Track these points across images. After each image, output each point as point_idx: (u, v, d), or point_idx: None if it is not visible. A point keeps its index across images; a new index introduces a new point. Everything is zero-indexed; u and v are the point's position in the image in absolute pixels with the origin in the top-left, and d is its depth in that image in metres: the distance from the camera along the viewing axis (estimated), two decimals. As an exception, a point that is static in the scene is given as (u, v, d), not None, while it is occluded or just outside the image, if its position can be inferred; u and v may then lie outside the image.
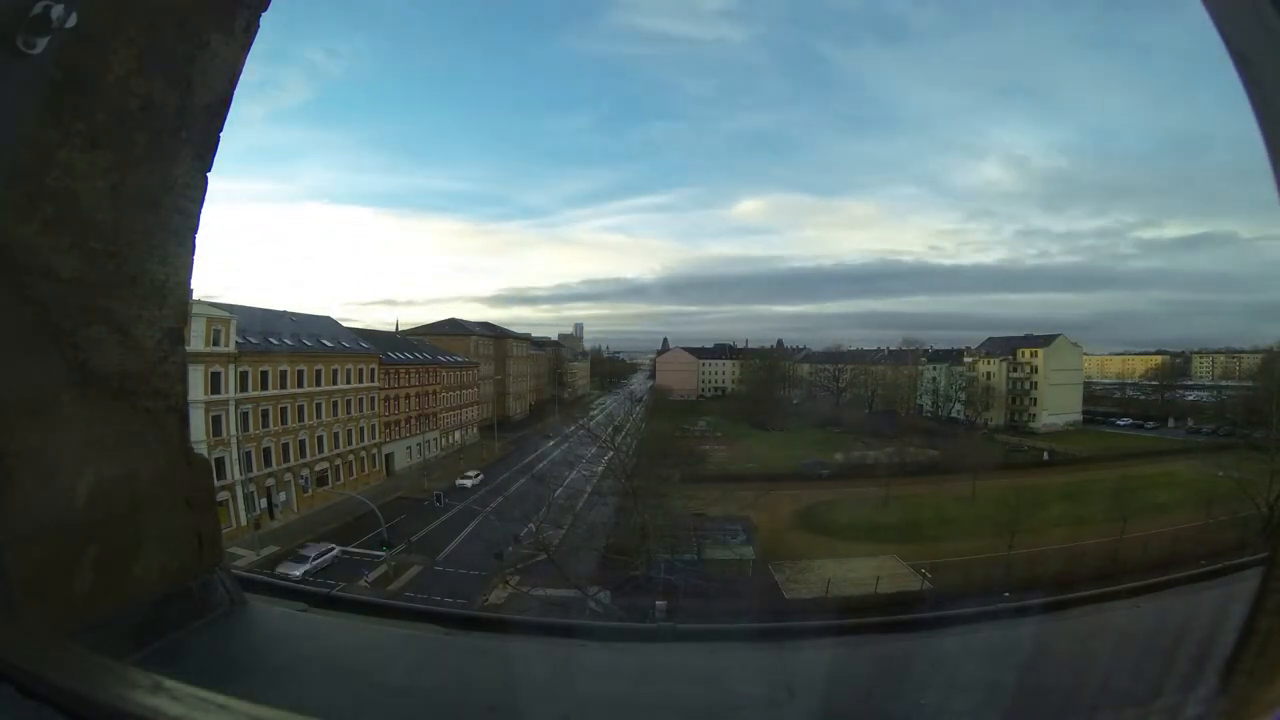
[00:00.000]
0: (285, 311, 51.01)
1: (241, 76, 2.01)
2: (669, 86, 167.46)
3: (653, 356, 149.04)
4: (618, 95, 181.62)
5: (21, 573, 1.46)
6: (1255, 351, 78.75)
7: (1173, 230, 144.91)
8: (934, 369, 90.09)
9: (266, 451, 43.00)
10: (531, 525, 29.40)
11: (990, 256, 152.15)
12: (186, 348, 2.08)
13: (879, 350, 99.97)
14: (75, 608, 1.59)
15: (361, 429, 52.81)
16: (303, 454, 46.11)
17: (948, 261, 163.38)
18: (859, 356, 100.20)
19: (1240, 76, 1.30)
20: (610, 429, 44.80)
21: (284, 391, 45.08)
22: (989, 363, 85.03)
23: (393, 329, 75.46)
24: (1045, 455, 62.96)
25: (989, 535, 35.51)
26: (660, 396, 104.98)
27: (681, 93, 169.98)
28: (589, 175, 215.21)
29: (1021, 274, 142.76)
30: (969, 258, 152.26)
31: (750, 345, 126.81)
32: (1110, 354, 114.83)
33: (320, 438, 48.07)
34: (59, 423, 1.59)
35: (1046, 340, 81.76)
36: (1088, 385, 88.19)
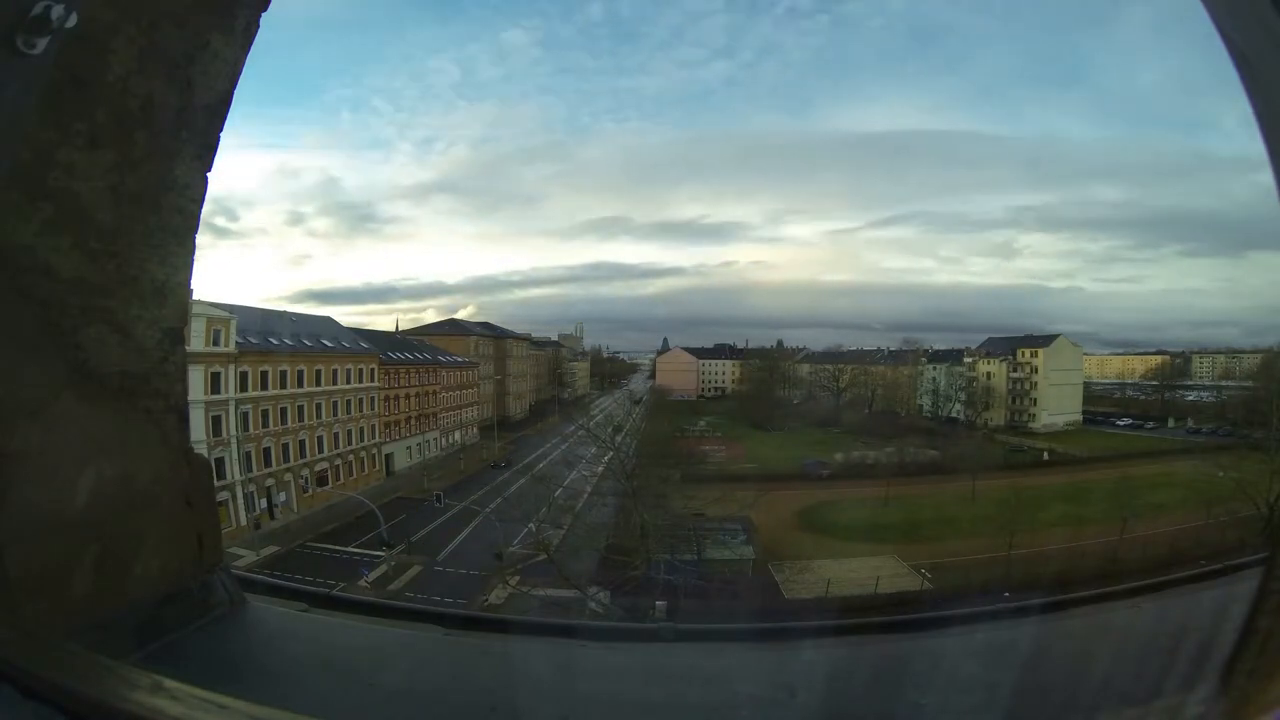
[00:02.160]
0: (285, 311, 51.11)
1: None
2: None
3: (653, 356, 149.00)
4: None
5: (21, 573, 1.46)
6: (1255, 351, 78.86)
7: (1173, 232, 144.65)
8: (934, 369, 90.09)
9: (266, 451, 43.00)
10: (531, 525, 29.42)
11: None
12: (186, 348, 2.08)
13: (879, 350, 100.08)
14: (75, 608, 1.59)
15: (361, 429, 52.81)
16: (303, 454, 46.12)
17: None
18: (859, 356, 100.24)
19: (1240, 76, 1.30)
20: (610, 429, 44.78)
21: (284, 391, 45.09)
22: (989, 363, 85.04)
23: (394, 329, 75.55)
24: (1045, 455, 62.98)
25: (989, 535, 35.52)
26: (660, 396, 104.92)
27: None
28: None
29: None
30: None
31: (750, 345, 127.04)
32: (1110, 354, 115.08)
33: (320, 438, 48.08)
34: (59, 423, 1.59)
35: (1046, 340, 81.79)
36: (1088, 385, 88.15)
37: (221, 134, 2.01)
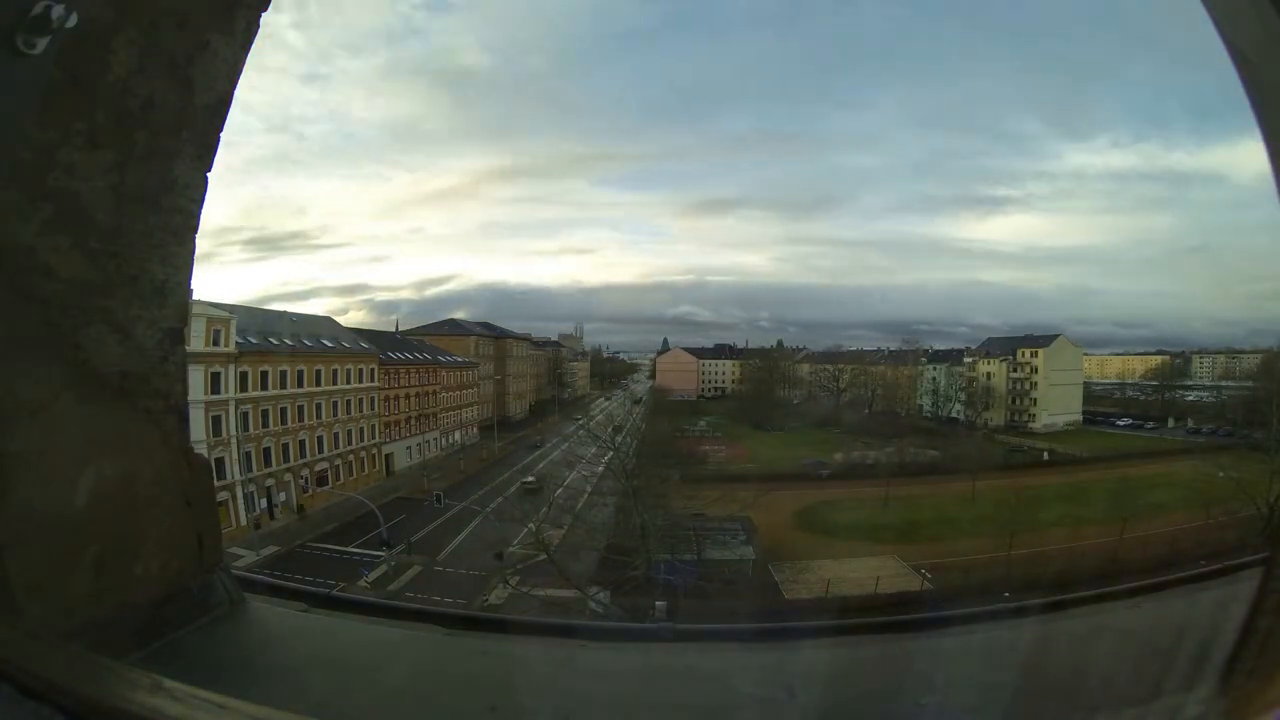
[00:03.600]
0: (285, 311, 51.15)
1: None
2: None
3: (653, 356, 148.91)
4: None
5: (21, 573, 1.46)
6: (1255, 351, 78.85)
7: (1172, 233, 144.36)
8: (934, 369, 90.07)
9: (266, 451, 42.99)
10: (531, 525, 29.42)
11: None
12: (186, 348, 2.08)
13: (879, 350, 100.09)
14: (75, 608, 1.59)
15: (361, 429, 52.79)
16: (303, 454, 46.10)
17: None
18: (859, 356, 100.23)
19: (1240, 76, 1.30)
20: (610, 429, 44.80)
21: (284, 391, 45.08)
22: (989, 363, 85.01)
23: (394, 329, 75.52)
24: (1045, 455, 62.94)
25: (989, 535, 35.49)
26: (660, 396, 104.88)
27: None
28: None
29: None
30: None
31: (750, 345, 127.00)
32: (1110, 354, 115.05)
33: (320, 438, 48.07)
34: (59, 423, 1.59)
35: (1046, 340, 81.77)
36: (1088, 385, 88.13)
37: (221, 134, 2.01)
